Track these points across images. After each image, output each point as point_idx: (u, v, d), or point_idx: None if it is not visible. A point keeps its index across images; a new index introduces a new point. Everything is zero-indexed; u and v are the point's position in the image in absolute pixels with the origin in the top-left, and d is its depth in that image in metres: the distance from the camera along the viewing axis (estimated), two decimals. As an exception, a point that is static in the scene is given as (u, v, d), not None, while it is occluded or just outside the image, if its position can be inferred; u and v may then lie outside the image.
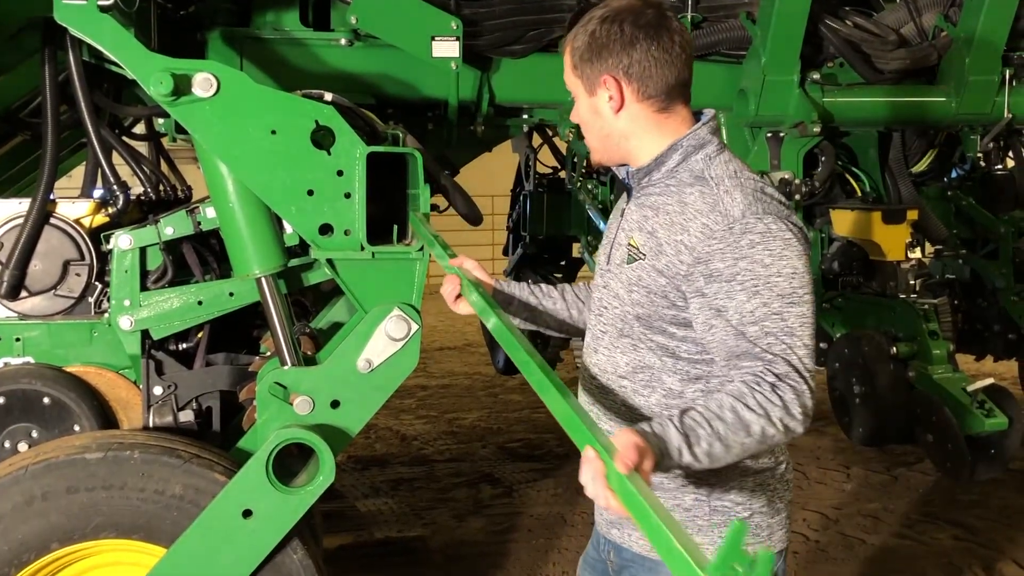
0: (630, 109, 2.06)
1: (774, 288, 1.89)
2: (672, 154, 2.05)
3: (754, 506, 2.07)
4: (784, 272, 1.90)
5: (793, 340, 1.88)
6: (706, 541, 2.04)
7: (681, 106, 2.08)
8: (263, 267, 2.84)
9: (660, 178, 2.07)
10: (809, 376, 1.87)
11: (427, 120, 4.28)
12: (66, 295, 3.17)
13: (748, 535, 2.03)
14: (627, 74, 2.04)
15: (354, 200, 2.80)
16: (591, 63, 2.07)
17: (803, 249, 1.94)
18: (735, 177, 2.00)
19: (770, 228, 1.91)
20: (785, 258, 1.90)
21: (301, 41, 3.88)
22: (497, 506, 5.76)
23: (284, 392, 2.85)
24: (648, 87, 2.04)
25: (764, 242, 1.90)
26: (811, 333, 1.92)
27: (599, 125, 2.12)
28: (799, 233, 1.96)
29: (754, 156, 4.34)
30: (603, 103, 2.08)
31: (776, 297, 1.89)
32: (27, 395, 3.02)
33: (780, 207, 1.98)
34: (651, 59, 2.02)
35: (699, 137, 2.05)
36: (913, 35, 4.42)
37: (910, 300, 4.44)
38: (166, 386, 3.13)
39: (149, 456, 2.75)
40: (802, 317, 1.90)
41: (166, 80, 2.61)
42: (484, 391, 8.87)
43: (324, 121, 2.78)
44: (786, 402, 1.80)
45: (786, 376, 1.83)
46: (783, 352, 1.86)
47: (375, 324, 2.88)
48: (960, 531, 5.24)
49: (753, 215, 1.92)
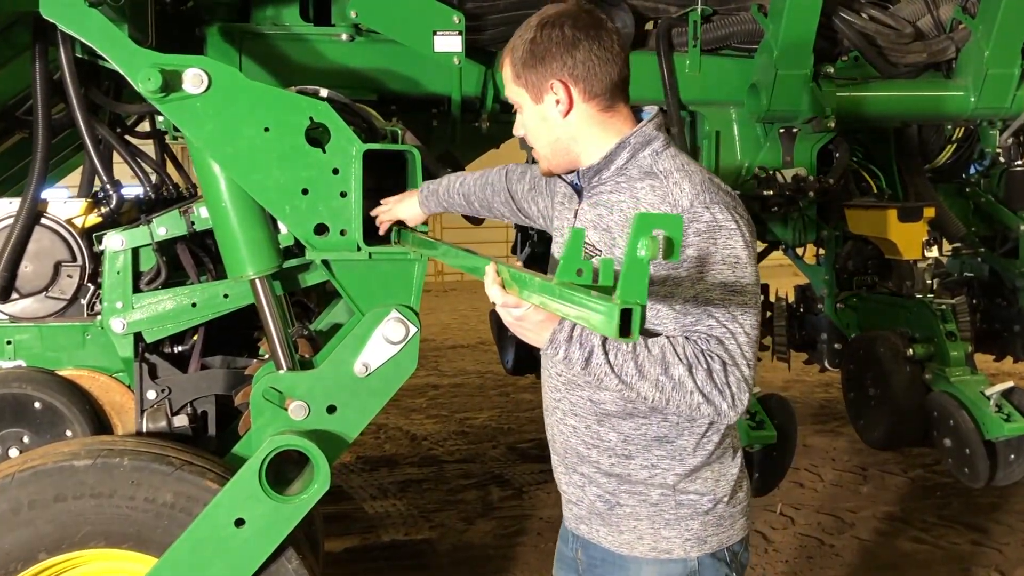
0: (577, 111, 2.10)
1: (718, 275, 1.95)
2: (621, 151, 2.10)
3: (718, 496, 2.13)
4: (728, 260, 1.95)
5: (734, 327, 1.93)
6: (673, 535, 2.11)
7: (623, 104, 2.13)
8: (257, 268, 2.78)
9: (610, 176, 2.11)
10: (745, 364, 1.93)
11: (431, 117, 4.20)
12: (58, 297, 3.11)
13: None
14: (572, 75, 2.07)
15: (350, 199, 2.74)
16: (535, 69, 2.10)
17: (747, 240, 1.99)
18: (683, 169, 2.05)
19: (716, 217, 1.96)
20: (729, 247, 1.96)
21: (301, 36, 3.80)
22: (506, 508, 5.69)
23: (279, 397, 2.80)
24: (593, 86, 2.08)
25: (709, 231, 1.96)
26: (753, 323, 1.97)
27: (546, 131, 2.15)
28: (745, 224, 2.01)
29: (766, 152, 4.24)
30: (550, 108, 2.11)
31: (719, 285, 1.94)
32: (18, 400, 2.96)
33: (727, 197, 2.03)
34: (594, 58, 2.06)
35: (645, 134, 2.10)
36: (930, 28, 4.31)
37: (927, 300, 4.32)
38: (160, 390, 3.07)
39: (139, 463, 2.69)
40: (743, 306, 1.95)
41: (154, 76, 2.55)
42: (496, 390, 8.81)
43: (319, 118, 2.71)
44: (714, 375, 1.90)
45: (726, 361, 1.92)
46: (723, 336, 1.93)
47: (372, 327, 2.82)
48: (978, 535, 5.14)
49: (701, 204, 1.97)
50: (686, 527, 2.11)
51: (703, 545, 2.12)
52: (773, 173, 4.09)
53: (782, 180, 4.05)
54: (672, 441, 2.09)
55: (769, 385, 4.12)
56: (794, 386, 8.28)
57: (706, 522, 2.12)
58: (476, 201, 2.77)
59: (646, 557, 2.12)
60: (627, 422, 2.10)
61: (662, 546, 2.11)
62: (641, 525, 2.12)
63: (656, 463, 2.10)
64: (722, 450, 2.14)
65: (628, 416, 2.10)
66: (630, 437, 2.11)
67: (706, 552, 2.13)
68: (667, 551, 2.11)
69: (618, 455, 2.12)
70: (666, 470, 2.10)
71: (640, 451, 2.10)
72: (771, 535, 5.18)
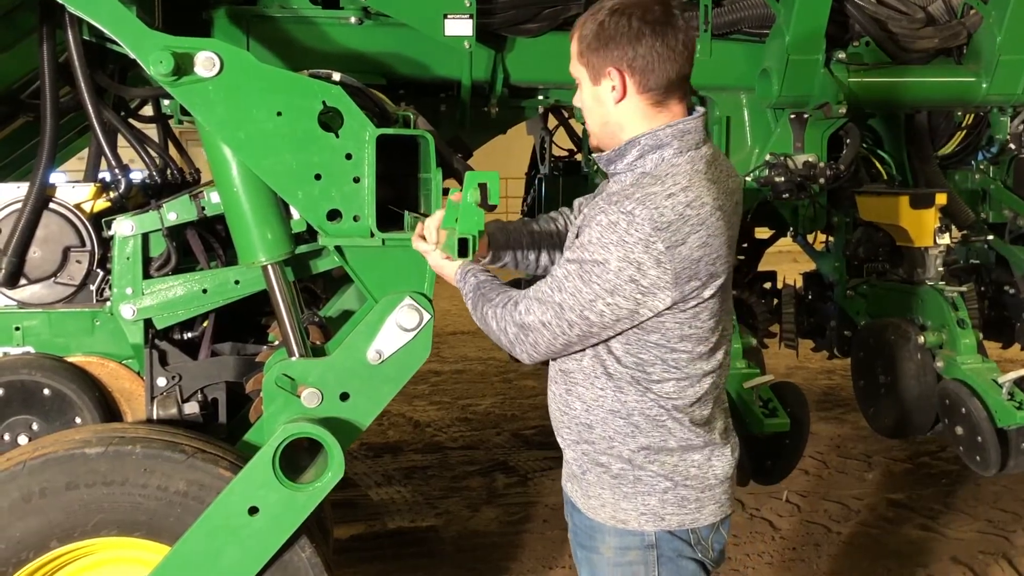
0: (630, 100, 2.18)
1: (581, 255, 2.11)
2: (631, 149, 2.19)
3: (677, 479, 2.23)
4: (595, 255, 2.08)
5: (555, 293, 2.14)
6: (630, 507, 2.24)
7: (676, 102, 2.19)
8: (269, 254, 2.75)
9: (622, 169, 2.22)
10: (543, 325, 2.16)
11: (440, 101, 4.16)
12: (67, 283, 3.08)
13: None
14: (631, 66, 2.15)
15: (363, 184, 2.71)
16: (597, 52, 2.18)
17: (636, 257, 2.05)
18: (667, 173, 2.12)
19: (618, 219, 2.06)
20: (608, 247, 2.06)
21: (309, 19, 3.75)
22: (512, 495, 5.67)
23: (291, 384, 2.77)
24: (649, 80, 2.15)
25: (605, 225, 2.08)
26: (575, 308, 2.12)
27: (600, 112, 2.25)
28: (652, 244, 2.04)
29: (777, 138, 4.21)
30: (605, 92, 2.20)
31: (577, 263, 2.11)
32: (27, 386, 2.93)
33: (659, 216, 2.05)
34: (655, 54, 2.13)
35: (658, 137, 2.16)
36: (942, 13, 4.27)
37: (938, 287, 4.29)
38: (170, 377, 3.04)
39: (151, 451, 2.67)
40: (577, 292, 2.10)
41: (166, 59, 2.52)
42: (498, 376, 8.79)
43: (332, 102, 2.68)
44: (506, 315, 2.23)
45: (527, 303, 2.19)
46: (543, 285, 2.17)
47: (385, 314, 2.80)
48: (984, 524, 5.13)
49: (625, 198, 2.08)
50: (643, 502, 2.23)
51: (660, 522, 2.24)
52: (784, 159, 4.05)
53: (793, 166, 4.02)
54: (626, 417, 2.22)
55: (772, 372, 4.07)
56: (797, 373, 8.27)
57: (665, 500, 2.23)
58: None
59: (607, 524, 2.27)
60: (588, 391, 2.25)
61: (620, 516, 2.26)
62: (604, 494, 2.27)
63: (612, 436, 2.23)
64: (688, 437, 2.23)
65: (589, 386, 2.25)
66: (591, 407, 2.25)
67: (663, 529, 2.24)
68: (623, 521, 2.25)
69: (582, 423, 2.28)
70: (621, 444, 2.23)
71: (599, 422, 2.25)
72: (777, 522, 5.18)
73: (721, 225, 2.13)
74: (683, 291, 2.09)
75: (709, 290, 2.14)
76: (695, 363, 2.20)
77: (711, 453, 2.27)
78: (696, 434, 2.24)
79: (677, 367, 2.19)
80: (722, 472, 2.29)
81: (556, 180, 5.58)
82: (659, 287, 2.07)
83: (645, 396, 2.20)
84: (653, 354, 2.18)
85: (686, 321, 2.15)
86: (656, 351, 2.17)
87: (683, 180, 2.11)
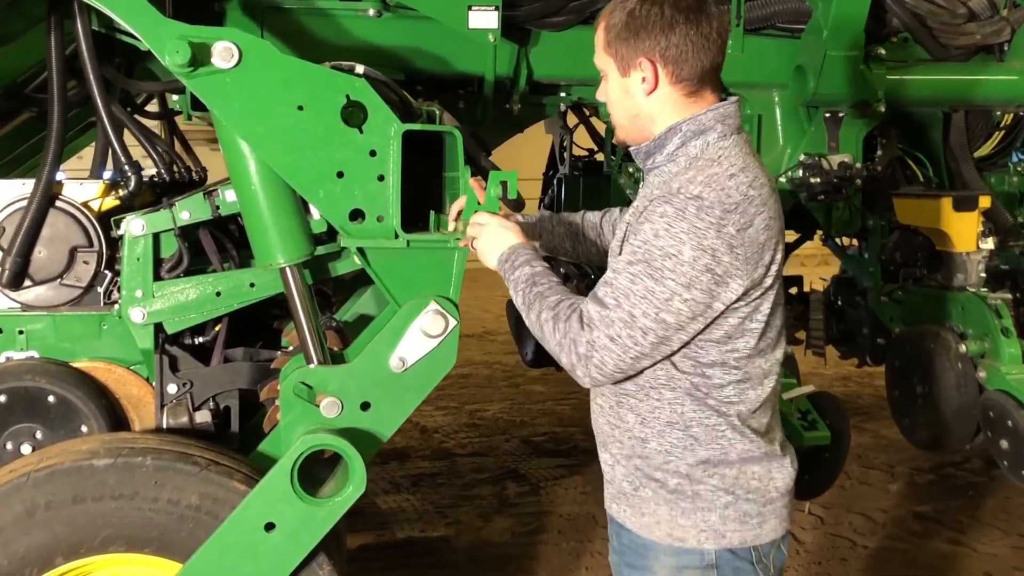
0: (662, 91, 2.10)
1: (648, 253, 1.97)
2: (672, 137, 2.10)
3: (738, 492, 2.11)
4: (665, 248, 1.95)
5: (623, 302, 1.98)
6: (689, 524, 2.12)
7: (710, 92, 2.12)
8: (288, 256, 2.62)
9: (662, 161, 2.12)
10: (611, 341, 1.99)
11: (458, 98, 4.02)
12: (73, 284, 2.95)
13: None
14: (663, 56, 2.07)
15: (388, 183, 2.58)
16: (627, 42, 2.10)
17: (710, 244, 1.94)
18: (715, 159, 2.03)
19: (685, 205, 1.95)
20: (679, 236, 1.95)
21: (326, 11, 3.62)
22: (524, 505, 5.53)
23: (310, 393, 2.64)
24: (682, 70, 2.07)
25: (671, 216, 1.96)
26: (648, 313, 1.97)
27: (629, 105, 2.16)
28: (723, 228, 1.95)
29: (810, 138, 4.07)
30: (635, 84, 2.11)
31: (643, 263, 1.97)
32: (31, 393, 2.81)
33: (726, 198, 1.96)
34: (689, 43, 2.05)
35: (700, 122, 2.08)
36: (984, 8, 4.12)
37: (980, 294, 4.15)
38: (181, 384, 2.91)
39: (163, 462, 2.54)
40: (649, 293, 1.96)
41: (183, 49, 2.39)
42: (505, 381, 8.65)
43: (356, 96, 2.55)
44: (568, 330, 2.04)
45: (589, 320, 2.01)
46: (605, 297, 2.00)
47: (410, 319, 2.66)
48: (1018, 539, 4.98)
49: (688, 182, 1.98)
50: (702, 518, 2.12)
51: (721, 539, 2.12)
52: (818, 159, 3.93)
53: (828, 167, 3.89)
54: (684, 429, 2.11)
55: (785, 378, 3.95)
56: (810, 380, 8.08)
57: (726, 516, 2.12)
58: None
59: (662, 543, 2.15)
60: (643, 403, 2.13)
61: (677, 534, 2.13)
62: (660, 510, 2.15)
63: (670, 449, 2.12)
64: (748, 448, 2.12)
65: (644, 398, 2.13)
66: (646, 419, 2.13)
67: (724, 547, 2.12)
68: (681, 539, 2.13)
69: (636, 437, 2.15)
70: (679, 458, 2.11)
71: (655, 435, 2.13)
72: (801, 535, 5.03)
73: (778, 208, 2.08)
74: (752, 278, 2.01)
75: (770, 278, 2.06)
76: (755, 361, 2.11)
77: (771, 464, 2.16)
78: (756, 444, 2.13)
79: (738, 367, 2.09)
80: (783, 484, 2.18)
81: (576, 180, 5.44)
82: (732, 275, 1.97)
83: (704, 404, 2.09)
84: (713, 355, 2.07)
85: (749, 314, 2.06)
86: (716, 351, 2.07)
87: (738, 161, 2.04)
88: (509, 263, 2.27)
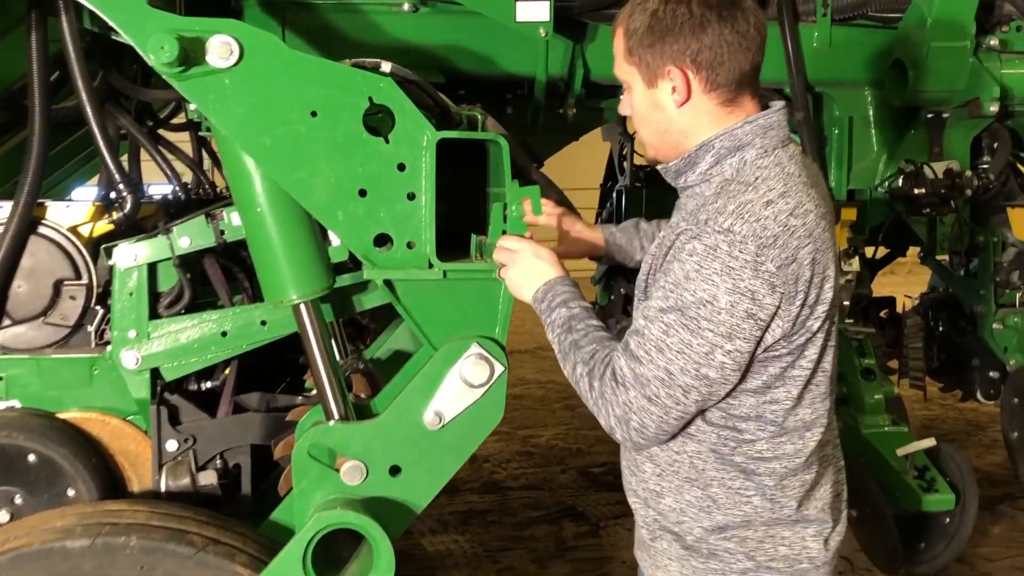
0: (695, 102, 1.92)
1: (680, 299, 1.81)
2: (704, 155, 1.92)
3: (760, 559, 1.94)
4: (698, 293, 1.78)
5: (657, 357, 1.81)
6: None
7: (748, 98, 1.94)
8: (301, 291, 2.26)
9: (695, 180, 1.95)
10: (649, 402, 1.82)
11: (506, 102, 3.72)
12: (59, 323, 2.62)
13: None
14: (695, 62, 1.88)
15: (420, 202, 2.24)
16: (652, 48, 1.90)
17: (747, 285, 1.76)
18: (751, 183, 1.84)
19: (716, 242, 1.78)
20: (711, 280, 1.78)
21: (356, 7, 3.32)
22: (583, 548, 5.12)
23: (329, 454, 2.27)
24: (718, 76, 1.89)
25: (701, 254, 1.79)
26: (688, 370, 1.80)
27: (658, 119, 1.97)
28: (761, 266, 1.77)
29: (909, 142, 3.70)
30: (664, 96, 1.93)
31: (676, 311, 1.80)
32: (7, 452, 2.47)
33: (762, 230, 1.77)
34: (724, 44, 1.86)
35: (736, 137, 1.90)
36: (1114, -9, 3.68)
37: (1116, 323, 3.68)
38: (182, 440, 2.58)
39: (151, 543, 2.18)
40: (686, 347, 1.79)
41: (169, 44, 2.05)
42: (560, 403, 8.28)
43: (380, 99, 2.22)
44: (603, 390, 1.88)
45: (623, 378, 1.84)
46: (638, 350, 1.83)
47: (447, 365, 2.31)
48: None
49: (718, 213, 1.80)
50: None
51: None
52: (921, 167, 3.52)
53: (932, 175, 3.47)
54: (703, 488, 1.96)
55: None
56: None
57: None
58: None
59: None
60: (663, 454, 1.99)
61: None
62: (672, 566, 2.02)
63: (684, 508, 1.98)
64: (777, 515, 1.94)
65: (664, 447, 1.98)
66: (664, 472, 2.00)
67: None
68: None
69: (651, 489, 2.03)
70: (693, 520, 1.97)
71: (671, 491, 2.00)
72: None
73: (828, 237, 1.87)
74: (793, 320, 1.82)
75: (817, 320, 1.86)
76: (796, 412, 1.91)
77: (806, 530, 1.95)
78: (788, 509, 1.93)
79: (775, 421, 1.90)
80: (819, 554, 1.96)
81: (638, 192, 5.06)
82: (773, 317, 1.80)
83: (729, 463, 1.92)
84: (748, 406, 1.89)
85: (792, 362, 1.87)
86: (752, 401, 1.88)
87: (778, 185, 1.84)
88: (546, 303, 2.10)
